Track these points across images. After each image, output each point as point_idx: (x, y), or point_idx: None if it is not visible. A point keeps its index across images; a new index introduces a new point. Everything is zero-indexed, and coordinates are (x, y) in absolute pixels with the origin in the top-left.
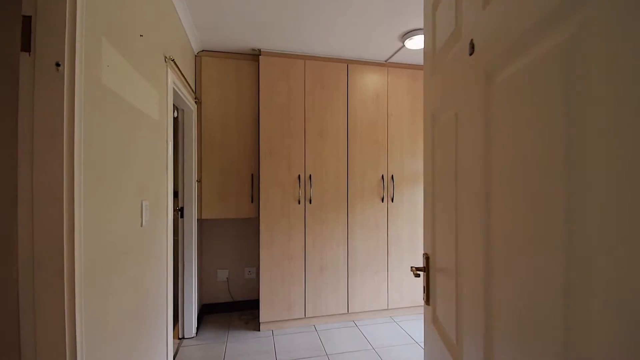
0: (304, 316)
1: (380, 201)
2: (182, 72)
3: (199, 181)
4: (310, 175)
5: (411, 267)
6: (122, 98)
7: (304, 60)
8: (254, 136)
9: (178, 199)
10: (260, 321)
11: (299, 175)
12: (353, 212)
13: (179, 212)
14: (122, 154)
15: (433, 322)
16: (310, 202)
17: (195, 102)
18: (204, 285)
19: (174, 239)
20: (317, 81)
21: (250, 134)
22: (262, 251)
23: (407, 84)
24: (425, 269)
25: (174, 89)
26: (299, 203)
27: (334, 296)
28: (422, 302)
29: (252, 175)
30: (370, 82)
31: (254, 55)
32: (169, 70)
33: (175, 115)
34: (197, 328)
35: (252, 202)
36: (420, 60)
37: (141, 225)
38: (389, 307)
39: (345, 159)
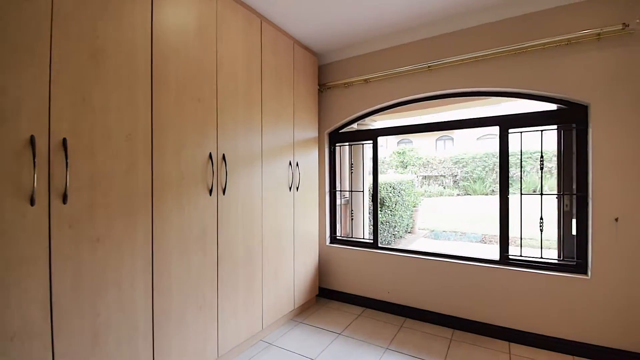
0: None
1: (208, 194)
2: None
3: None
4: (64, 140)
5: None
6: None
7: None
8: None
9: None
10: None
11: (33, 138)
12: (163, 214)
13: None
14: None
15: None
16: (63, 201)
17: None
18: None
19: None
20: None
21: None
22: None
23: (243, 29)
24: None
25: None
26: (33, 203)
27: None
28: (258, 329)
29: None
30: (193, 3)
31: None
32: None
33: None
34: None
35: None
36: (264, 4)
37: None
38: (219, 355)
39: (149, 115)
